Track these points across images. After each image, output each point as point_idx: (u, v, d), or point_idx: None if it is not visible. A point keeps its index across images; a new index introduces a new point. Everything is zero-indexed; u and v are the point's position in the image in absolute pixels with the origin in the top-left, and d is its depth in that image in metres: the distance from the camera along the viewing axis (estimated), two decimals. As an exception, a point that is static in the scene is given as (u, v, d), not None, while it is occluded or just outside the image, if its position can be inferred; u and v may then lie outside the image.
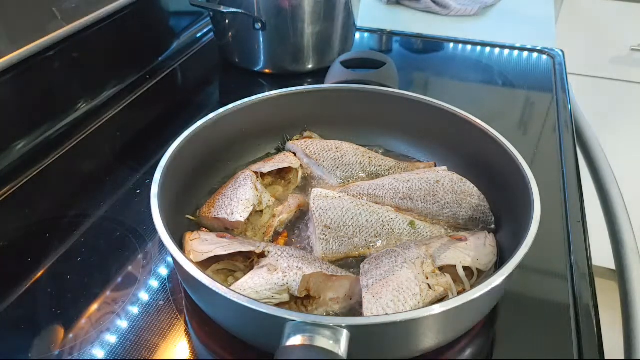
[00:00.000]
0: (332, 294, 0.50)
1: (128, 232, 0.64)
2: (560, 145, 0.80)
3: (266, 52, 0.98)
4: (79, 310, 0.54)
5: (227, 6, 0.93)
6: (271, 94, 0.71)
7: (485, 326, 0.53)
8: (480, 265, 0.53)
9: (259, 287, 0.49)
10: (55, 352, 0.50)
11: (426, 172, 0.66)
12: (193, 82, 1.06)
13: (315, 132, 0.76)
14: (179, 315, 0.53)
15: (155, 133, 0.84)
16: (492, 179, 0.62)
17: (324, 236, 0.57)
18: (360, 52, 0.97)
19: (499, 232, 0.59)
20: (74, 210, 0.68)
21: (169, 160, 0.56)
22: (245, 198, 0.60)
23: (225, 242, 0.54)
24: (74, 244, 0.62)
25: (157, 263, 0.60)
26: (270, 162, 0.68)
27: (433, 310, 0.41)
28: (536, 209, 0.50)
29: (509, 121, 0.88)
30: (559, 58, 1.07)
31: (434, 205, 0.62)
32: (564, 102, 0.92)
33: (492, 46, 1.13)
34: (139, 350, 0.50)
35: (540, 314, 0.54)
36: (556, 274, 0.58)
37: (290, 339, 0.38)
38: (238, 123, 0.68)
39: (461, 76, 1.05)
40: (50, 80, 0.80)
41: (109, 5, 0.88)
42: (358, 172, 0.69)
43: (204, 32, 1.18)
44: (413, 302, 0.47)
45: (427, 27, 1.25)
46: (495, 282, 0.43)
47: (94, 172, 0.76)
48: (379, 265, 0.51)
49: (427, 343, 0.46)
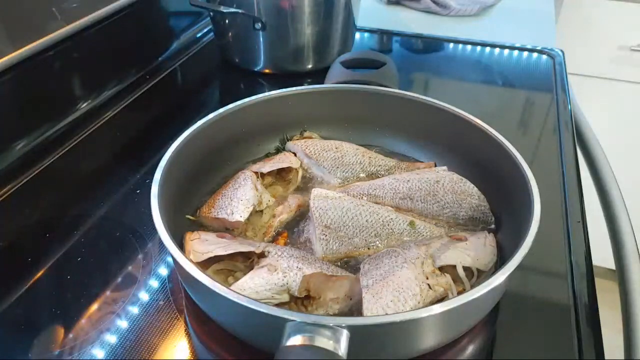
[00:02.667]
0: (332, 294, 0.50)
1: (128, 232, 0.64)
2: (560, 145, 0.80)
3: (266, 52, 0.98)
4: (79, 310, 0.54)
5: (227, 6, 0.93)
6: (271, 94, 0.70)
7: (485, 326, 0.53)
8: (480, 265, 0.53)
9: (259, 287, 0.49)
10: (55, 352, 0.50)
11: (426, 172, 0.66)
12: (193, 82, 1.06)
13: (315, 132, 0.76)
14: (179, 315, 0.53)
15: (155, 133, 0.84)
16: (492, 179, 0.62)
17: (324, 236, 0.57)
18: (360, 52, 0.98)
19: (499, 232, 0.59)
20: (74, 210, 0.68)
21: (169, 160, 0.56)
22: (245, 198, 0.60)
23: (225, 242, 0.54)
24: (74, 244, 0.62)
25: (157, 263, 0.60)
26: (270, 162, 0.68)
27: (433, 310, 0.41)
28: (536, 209, 0.50)
29: (509, 121, 0.88)
30: (559, 58, 1.07)
31: (434, 205, 0.62)
32: (564, 102, 0.92)
33: (492, 46, 1.13)
34: (139, 350, 0.50)
35: (540, 314, 0.54)
36: (556, 274, 0.58)
37: (290, 339, 0.38)
38: (238, 123, 0.68)
39: (461, 76, 1.05)
40: (50, 80, 0.80)
41: (108, 6, 0.88)
42: (358, 172, 0.69)
43: (204, 32, 1.18)
44: (413, 302, 0.47)
45: (427, 27, 1.25)
46: (495, 282, 0.43)
47: (94, 172, 0.76)
48: (379, 265, 0.51)
49: (427, 343, 0.46)
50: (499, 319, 0.53)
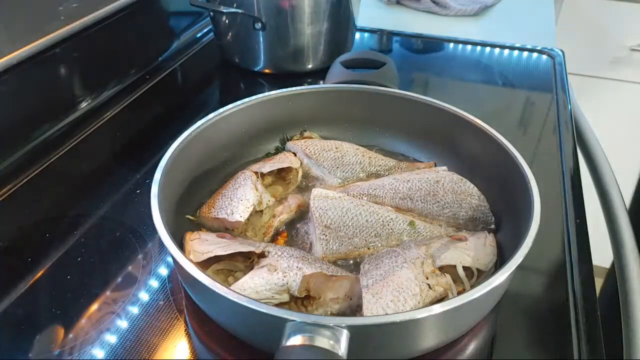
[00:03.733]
0: (332, 294, 0.50)
1: (128, 232, 0.64)
2: (560, 145, 0.80)
3: (266, 52, 0.98)
4: (79, 310, 0.54)
5: (227, 6, 0.93)
6: (271, 94, 0.71)
7: (485, 326, 0.53)
8: (480, 265, 0.53)
9: (259, 287, 0.49)
10: (55, 352, 0.50)
11: (426, 172, 0.66)
12: (193, 82, 1.06)
13: (315, 132, 0.76)
14: (179, 315, 0.53)
15: (155, 133, 0.84)
16: (492, 179, 0.62)
17: (324, 236, 0.57)
18: (360, 52, 0.97)
19: (499, 232, 0.59)
20: (74, 210, 0.68)
21: (169, 160, 0.57)
22: (245, 198, 0.60)
23: (225, 242, 0.54)
24: (74, 244, 0.62)
25: (157, 263, 0.60)
26: (270, 162, 0.68)
27: (433, 310, 0.41)
28: (536, 209, 0.50)
29: (509, 121, 0.88)
30: (559, 58, 1.07)
31: (434, 205, 0.62)
32: (564, 102, 0.92)
33: (492, 46, 1.13)
34: (139, 350, 0.50)
35: (540, 314, 0.54)
36: (556, 274, 0.58)
37: (290, 339, 0.38)
38: (238, 123, 0.68)
39: (461, 76, 1.05)
40: (50, 80, 0.80)
41: (109, 5, 0.88)
42: (358, 172, 0.69)
43: (204, 32, 1.18)
44: (413, 302, 0.47)
45: (427, 27, 1.25)
46: (495, 282, 0.43)
47: (94, 172, 0.76)
48: (379, 265, 0.51)
49: (427, 343, 0.46)
50: (499, 319, 0.53)
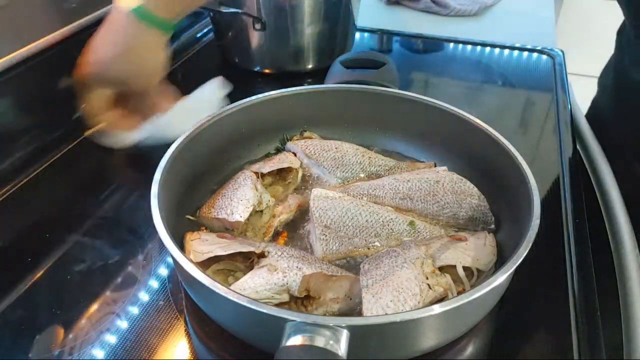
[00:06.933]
0: (332, 294, 0.50)
1: (128, 232, 0.64)
2: (560, 145, 0.80)
3: (266, 52, 0.98)
4: (79, 310, 0.54)
5: (227, 6, 0.93)
6: (271, 94, 0.70)
7: (485, 326, 0.53)
8: (480, 265, 0.53)
9: (259, 287, 0.49)
10: (55, 352, 0.50)
11: (426, 172, 0.66)
12: (193, 82, 1.06)
13: (315, 132, 0.75)
14: (179, 315, 0.53)
15: (155, 133, 0.84)
16: (492, 179, 0.62)
17: (323, 236, 0.57)
18: (360, 52, 0.97)
19: (499, 232, 0.59)
20: (74, 210, 0.68)
21: (169, 160, 0.57)
22: (245, 198, 0.60)
23: (225, 242, 0.54)
24: (74, 244, 0.62)
25: (157, 263, 0.60)
26: (270, 162, 0.68)
27: (433, 310, 0.41)
28: (536, 209, 0.50)
29: (509, 121, 0.88)
30: (559, 58, 1.07)
31: (433, 205, 0.62)
32: (564, 102, 0.92)
33: (492, 46, 1.13)
34: (139, 350, 0.50)
35: (540, 314, 0.54)
36: (556, 274, 0.58)
37: (290, 339, 0.38)
38: (238, 123, 0.68)
39: (461, 76, 1.05)
40: (50, 80, 0.80)
41: (108, 6, 0.87)
42: (358, 172, 0.69)
43: (204, 32, 1.18)
44: (413, 302, 0.47)
45: (427, 27, 1.25)
46: (495, 282, 0.43)
47: (94, 172, 0.76)
48: (379, 265, 0.51)
49: (427, 343, 0.46)
50: (499, 319, 0.53)
